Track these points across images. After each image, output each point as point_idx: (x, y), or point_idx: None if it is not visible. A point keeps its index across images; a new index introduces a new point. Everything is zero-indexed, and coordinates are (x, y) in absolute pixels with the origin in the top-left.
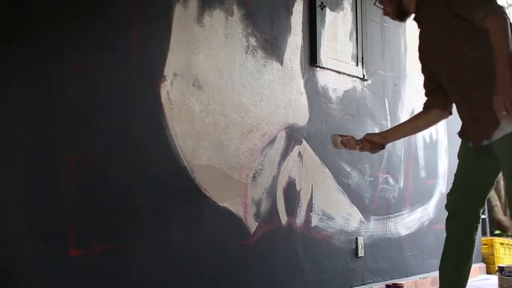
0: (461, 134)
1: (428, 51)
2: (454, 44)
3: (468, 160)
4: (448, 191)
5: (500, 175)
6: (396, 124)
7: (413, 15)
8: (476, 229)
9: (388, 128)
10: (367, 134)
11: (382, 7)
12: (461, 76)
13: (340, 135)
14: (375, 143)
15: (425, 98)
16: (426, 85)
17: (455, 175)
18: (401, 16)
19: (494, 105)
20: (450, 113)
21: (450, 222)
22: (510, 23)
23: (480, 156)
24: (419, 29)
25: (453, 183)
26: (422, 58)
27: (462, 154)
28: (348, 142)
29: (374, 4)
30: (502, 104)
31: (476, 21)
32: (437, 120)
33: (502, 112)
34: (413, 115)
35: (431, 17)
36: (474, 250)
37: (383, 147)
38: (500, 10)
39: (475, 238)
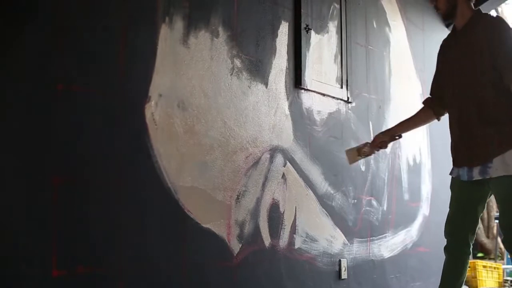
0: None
1: (453, 72)
2: (480, 86)
3: (458, 191)
4: (446, 220)
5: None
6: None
7: (455, 23)
8: (470, 247)
9: (393, 126)
10: (377, 137)
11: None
12: (476, 110)
13: (356, 149)
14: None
15: (428, 96)
16: (434, 87)
17: (449, 205)
18: (448, 17)
19: None
20: (438, 120)
21: (450, 246)
22: None
23: (468, 187)
24: (453, 40)
25: (448, 213)
26: (443, 70)
27: (453, 186)
28: (366, 153)
29: None
30: None
31: (506, 80)
32: (428, 121)
33: None
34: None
35: (473, 48)
36: (467, 267)
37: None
38: None
39: (468, 256)
